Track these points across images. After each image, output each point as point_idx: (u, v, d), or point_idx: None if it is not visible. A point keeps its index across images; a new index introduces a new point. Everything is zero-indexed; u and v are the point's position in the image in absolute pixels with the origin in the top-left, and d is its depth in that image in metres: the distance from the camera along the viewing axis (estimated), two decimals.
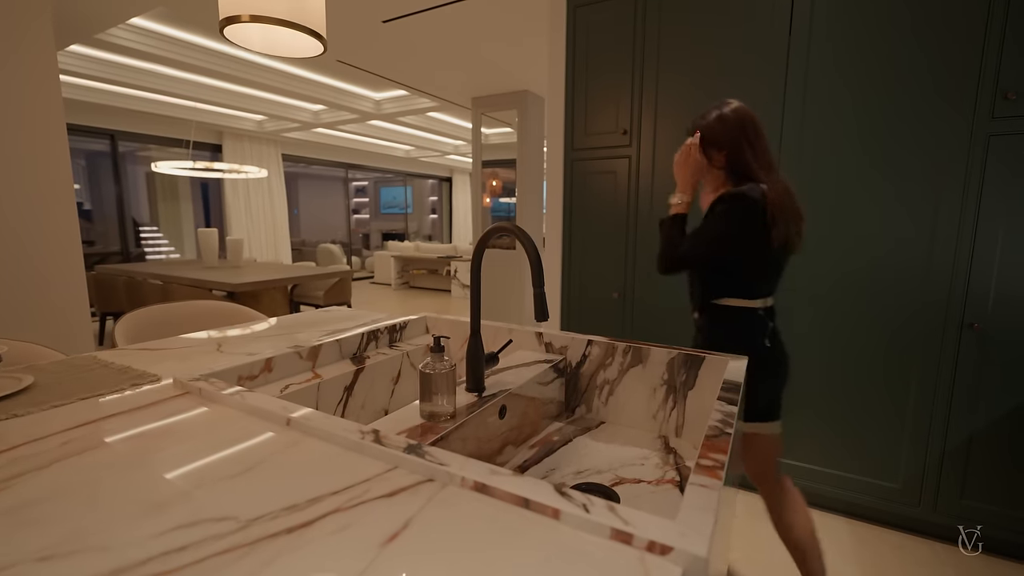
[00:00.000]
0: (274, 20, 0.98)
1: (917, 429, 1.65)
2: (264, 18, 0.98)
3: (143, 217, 7.32)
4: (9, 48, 1.77)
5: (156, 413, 0.74)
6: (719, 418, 0.68)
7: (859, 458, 1.74)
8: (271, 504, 0.50)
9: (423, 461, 0.56)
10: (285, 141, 7.70)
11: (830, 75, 1.64)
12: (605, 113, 2.02)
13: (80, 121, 5.50)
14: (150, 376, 0.90)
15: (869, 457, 1.73)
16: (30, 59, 1.83)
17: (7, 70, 1.78)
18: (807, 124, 1.69)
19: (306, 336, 1.19)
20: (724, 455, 0.57)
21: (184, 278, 3.79)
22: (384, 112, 5.56)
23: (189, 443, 0.64)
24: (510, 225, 0.82)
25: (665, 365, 1.08)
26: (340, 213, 10.27)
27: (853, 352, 1.71)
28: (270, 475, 0.56)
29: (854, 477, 1.75)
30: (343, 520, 0.48)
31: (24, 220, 1.83)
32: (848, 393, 1.74)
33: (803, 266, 1.74)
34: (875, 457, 1.72)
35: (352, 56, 3.81)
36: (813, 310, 1.75)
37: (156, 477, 0.56)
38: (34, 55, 1.83)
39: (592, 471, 0.92)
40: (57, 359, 1.03)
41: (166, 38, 3.75)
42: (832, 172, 1.68)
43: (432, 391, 0.79)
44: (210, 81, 4.81)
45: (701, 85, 1.84)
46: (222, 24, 0.98)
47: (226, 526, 0.47)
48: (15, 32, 1.78)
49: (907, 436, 1.66)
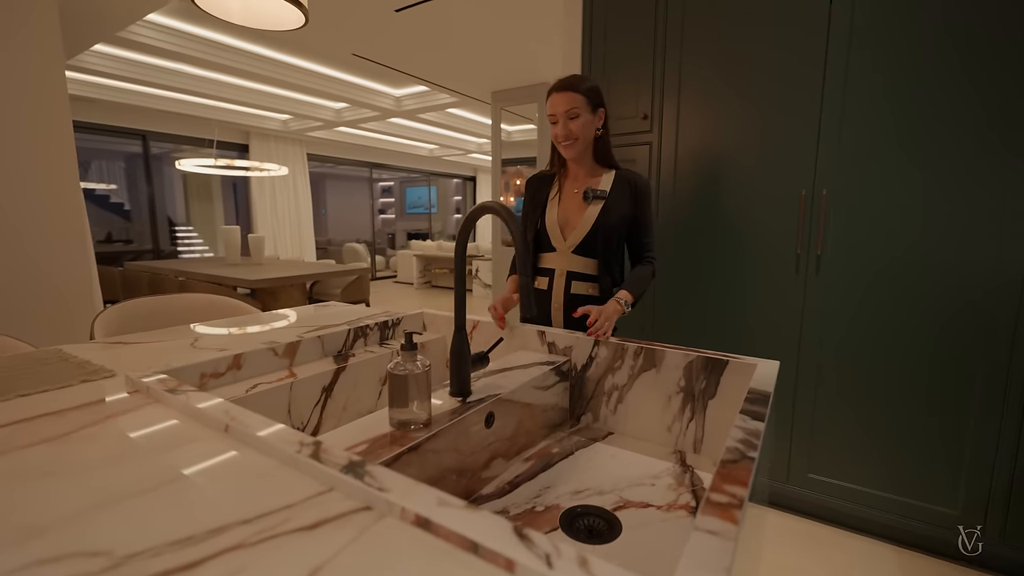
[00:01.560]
0: None
1: (981, 446, 1.44)
2: None
3: (179, 216, 7.53)
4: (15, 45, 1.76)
5: (91, 414, 0.65)
6: (740, 437, 0.55)
7: (909, 478, 1.55)
8: (163, 535, 0.40)
9: (361, 484, 0.45)
10: (310, 141, 7.78)
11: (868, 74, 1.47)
12: (624, 97, 1.88)
13: (113, 122, 5.66)
14: (106, 372, 0.82)
15: (920, 477, 1.53)
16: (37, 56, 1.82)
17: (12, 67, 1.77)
18: (847, 121, 1.51)
19: (294, 332, 1.10)
20: (744, 488, 0.44)
21: (204, 274, 3.82)
22: (405, 109, 5.53)
23: (109, 451, 0.55)
24: (496, 205, 0.71)
25: (682, 370, 0.94)
26: (366, 213, 10.36)
27: (899, 358, 1.52)
28: (180, 495, 0.46)
29: (903, 500, 1.56)
30: (238, 561, 0.37)
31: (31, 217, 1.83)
32: (892, 403, 1.55)
33: (841, 267, 1.56)
34: (926, 477, 1.53)
35: (367, 49, 3.76)
36: (852, 313, 1.57)
37: (51, 494, 0.47)
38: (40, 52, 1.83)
39: (593, 491, 0.80)
40: (24, 352, 0.98)
41: (190, 36, 3.79)
42: (874, 170, 1.50)
43: (403, 395, 0.68)
44: (235, 80, 4.86)
45: (728, 67, 1.68)
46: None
47: (92, 564, 0.37)
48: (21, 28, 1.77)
49: (969, 453, 1.46)
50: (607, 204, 1.27)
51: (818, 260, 1.60)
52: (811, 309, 1.63)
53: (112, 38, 3.48)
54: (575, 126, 1.23)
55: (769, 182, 1.66)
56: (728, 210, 1.73)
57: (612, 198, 1.28)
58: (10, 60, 1.76)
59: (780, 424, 1.72)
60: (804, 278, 1.63)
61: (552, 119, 1.25)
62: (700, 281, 1.82)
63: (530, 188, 1.40)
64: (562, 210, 1.31)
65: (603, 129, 1.28)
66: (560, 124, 1.23)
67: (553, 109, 1.24)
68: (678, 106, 1.78)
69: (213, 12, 1.01)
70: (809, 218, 1.60)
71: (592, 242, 1.27)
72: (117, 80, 4.60)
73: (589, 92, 1.23)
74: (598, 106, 1.26)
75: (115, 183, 6.94)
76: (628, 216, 1.29)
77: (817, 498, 1.68)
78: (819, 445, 1.67)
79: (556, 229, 1.30)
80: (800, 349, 1.66)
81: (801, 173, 1.60)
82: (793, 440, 1.70)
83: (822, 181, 1.57)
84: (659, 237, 1.87)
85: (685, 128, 1.78)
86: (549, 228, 1.31)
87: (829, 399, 1.64)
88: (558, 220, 1.30)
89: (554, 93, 1.23)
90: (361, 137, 7.91)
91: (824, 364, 1.63)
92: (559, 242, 1.30)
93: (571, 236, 1.29)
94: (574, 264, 1.29)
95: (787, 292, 1.66)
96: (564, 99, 1.22)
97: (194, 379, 0.84)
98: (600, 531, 0.71)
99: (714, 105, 1.72)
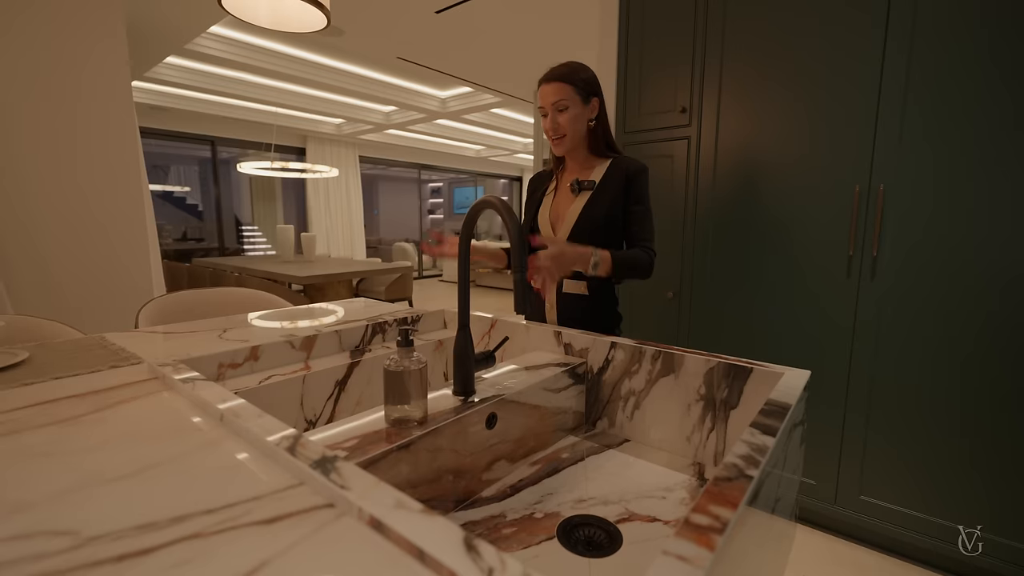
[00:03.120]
0: None
1: None
2: None
3: (245, 216, 8.04)
4: (89, 64, 1.94)
5: (107, 399, 0.69)
6: (743, 452, 0.50)
7: (978, 507, 1.38)
8: (129, 519, 0.41)
9: (326, 481, 0.44)
10: (362, 143, 8.07)
11: (934, 57, 1.32)
12: (661, 89, 1.81)
13: (185, 128, 6.12)
14: (135, 359, 0.87)
15: (993, 507, 1.37)
16: (106, 70, 2.00)
17: (85, 83, 1.94)
18: (909, 108, 1.37)
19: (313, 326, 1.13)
20: (733, 510, 0.40)
21: (259, 271, 4.04)
22: (450, 110, 5.61)
23: (109, 435, 0.58)
24: (494, 199, 0.69)
25: (702, 376, 0.88)
26: (415, 213, 10.63)
27: (967, 374, 1.36)
28: (158, 481, 0.47)
29: (973, 531, 1.40)
30: (190, 551, 0.37)
31: (98, 216, 2.01)
32: (956, 423, 1.38)
33: (899, 271, 1.41)
34: (998, 506, 1.36)
35: (410, 51, 3.84)
36: (912, 323, 1.42)
37: (44, 473, 0.49)
38: (109, 68, 2.02)
39: (597, 500, 0.76)
40: (73, 338, 1.06)
41: (250, 46, 4.02)
42: (940, 164, 1.35)
43: (398, 393, 0.68)
44: (293, 87, 5.12)
45: (774, 52, 1.57)
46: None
47: (59, 543, 0.38)
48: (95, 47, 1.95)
49: None
50: (594, 195, 1.19)
51: (874, 263, 1.46)
52: (865, 317, 1.49)
53: (181, 50, 3.75)
54: (563, 120, 1.15)
55: (818, 177, 1.53)
56: (772, 207, 1.62)
57: (601, 188, 1.19)
58: (84, 77, 1.96)
59: (828, 441, 1.59)
60: (857, 283, 1.49)
61: (542, 111, 1.18)
62: (740, 283, 1.71)
63: (530, 186, 1.35)
64: (554, 205, 1.25)
65: (596, 120, 1.20)
66: (549, 117, 1.16)
67: (542, 101, 1.16)
68: (719, 97, 1.68)
69: (242, 17, 1.06)
70: (864, 217, 1.46)
71: (579, 237, 1.18)
72: (187, 90, 4.96)
73: (580, 82, 1.14)
74: (591, 96, 1.17)
75: (189, 186, 7.53)
76: (618, 206, 1.18)
77: (869, 523, 1.54)
78: (873, 465, 1.52)
79: (547, 225, 1.24)
80: (852, 360, 1.52)
81: (855, 167, 1.47)
82: (843, 459, 1.57)
83: (879, 176, 1.43)
84: (696, 235, 1.78)
85: (726, 121, 1.68)
86: (541, 224, 1.26)
87: (885, 416, 1.49)
88: (549, 216, 1.25)
89: (543, 84, 1.15)
90: (410, 139, 8.12)
91: (878, 377, 1.49)
92: (550, 239, 1.22)
93: (560, 231, 1.22)
94: None
95: (837, 298, 1.53)
96: (552, 90, 1.13)
97: (212, 369, 0.87)
98: (599, 543, 0.68)
99: (757, 95, 1.61)
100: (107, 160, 2.02)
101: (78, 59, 1.93)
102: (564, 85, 1.12)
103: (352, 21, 3.25)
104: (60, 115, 1.90)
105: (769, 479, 0.53)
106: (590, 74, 1.16)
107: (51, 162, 1.89)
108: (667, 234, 1.85)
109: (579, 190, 1.19)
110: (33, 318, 1.17)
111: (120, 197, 2.06)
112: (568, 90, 1.13)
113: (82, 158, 1.96)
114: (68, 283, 1.95)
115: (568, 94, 1.13)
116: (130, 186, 2.08)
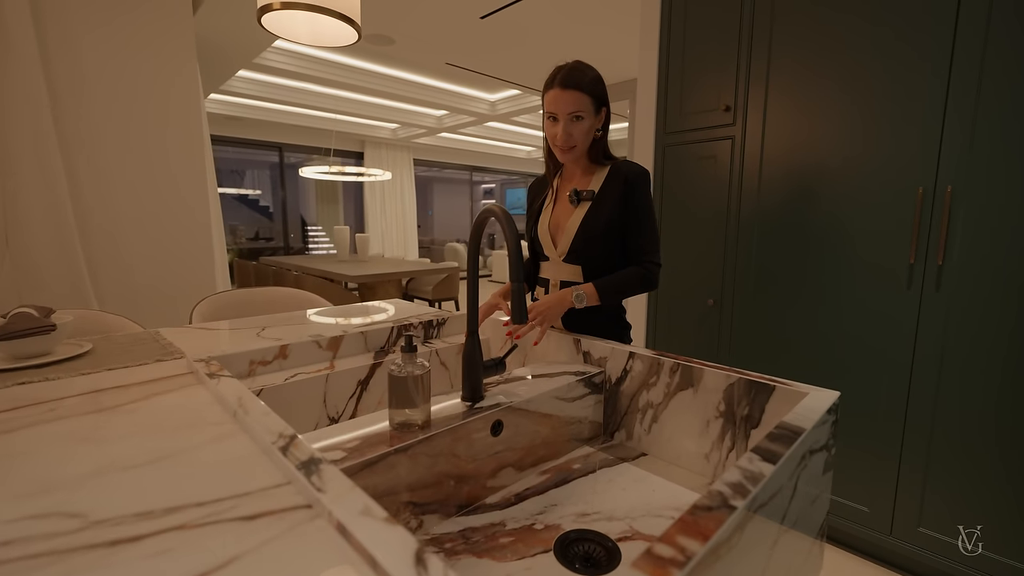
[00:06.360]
0: (304, 5, 0.98)
1: None
2: (294, 4, 0.98)
3: (310, 217, 8.54)
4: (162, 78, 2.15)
5: (145, 391, 0.76)
6: (733, 480, 0.47)
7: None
8: (132, 506, 0.45)
9: (306, 482, 0.46)
10: (416, 147, 8.32)
11: (1013, 43, 1.17)
12: (704, 86, 1.73)
13: (256, 136, 6.57)
14: (178, 353, 0.95)
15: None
16: (178, 83, 2.21)
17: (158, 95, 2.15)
18: (983, 102, 1.23)
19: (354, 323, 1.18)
20: (702, 543, 0.38)
21: (316, 270, 4.27)
22: (499, 113, 5.67)
23: (138, 425, 0.63)
24: (495, 208, 0.69)
25: (722, 392, 0.84)
26: (467, 214, 10.83)
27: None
28: (167, 471, 0.52)
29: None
30: (172, 541, 0.40)
31: (164, 217, 2.21)
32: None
33: (969, 282, 1.27)
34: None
35: (457, 57, 3.92)
36: (981, 339, 1.27)
37: (80, 456, 0.55)
38: (181, 81, 2.23)
39: (602, 516, 0.74)
40: (132, 332, 1.17)
41: (311, 58, 4.26)
42: (1017, 164, 1.20)
43: (401, 397, 0.70)
44: (350, 95, 5.37)
45: (825, 43, 1.46)
46: (259, 14, 1.01)
47: (69, 524, 0.42)
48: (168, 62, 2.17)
49: None
50: (593, 205, 1.13)
51: (939, 273, 1.32)
52: (928, 332, 1.35)
53: (250, 64, 4.03)
54: (577, 131, 1.09)
55: (874, 178, 1.41)
56: (822, 210, 1.51)
57: (600, 197, 1.13)
58: (156, 90, 2.18)
59: (883, 465, 1.46)
60: (919, 294, 1.36)
61: (551, 116, 1.10)
62: (786, 292, 1.61)
63: (529, 195, 1.30)
64: (554, 216, 1.20)
65: (602, 130, 1.14)
66: (561, 125, 1.08)
67: (555, 107, 1.08)
68: (766, 94, 1.59)
69: (285, 36, 1.12)
70: (928, 222, 1.33)
71: (579, 248, 1.13)
72: (257, 100, 5.32)
73: (596, 91, 1.08)
74: (602, 105, 1.11)
75: (261, 189, 8.10)
76: (617, 213, 1.12)
77: (931, 559, 1.40)
78: (934, 495, 1.38)
79: (547, 237, 1.19)
80: (912, 379, 1.39)
81: (918, 167, 1.34)
82: (899, 486, 1.43)
83: (946, 177, 1.29)
84: (740, 239, 1.69)
85: (773, 119, 1.58)
86: (540, 236, 1.20)
87: (948, 442, 1.35)
88: (549, 227, 1.19)
89: (558, 89, 1.06)
90: (462, 142, 8.28)
91: (943, 399, 1.35)
92: (550, 250, 1.19)
93: (560, 243, 1.17)
94: (565, 273, 1.17)
95: (895, 310, 1.40)
96: (572, 99, 1.06)
97: (244, 366, 0.93)
98: (597, 560, 0.66)
99: (808, 91, 1.50)
100: (178, 169, 2.22)
101: (157, 80, 2.14)
102: (583, 95, 1.06)
103: (401, 30, 3.36)
104: (139, 132, 2.12)
105: (767, 510, 0.50)
106: (601, 82, 1.11)
107: (130, 174, 2.10)
108: (708, 239, 1.77)
109: (578, 200, 1.14)
110: (99, 312, 1.30)
111: (188, 202, 2.26)
112: (586, 101, 1.07)
113: (158, 168, 2.17)
114: (143, 283, 2.16)
115: (585, 105, 1.07)
116: (197, 191, 2.27)
